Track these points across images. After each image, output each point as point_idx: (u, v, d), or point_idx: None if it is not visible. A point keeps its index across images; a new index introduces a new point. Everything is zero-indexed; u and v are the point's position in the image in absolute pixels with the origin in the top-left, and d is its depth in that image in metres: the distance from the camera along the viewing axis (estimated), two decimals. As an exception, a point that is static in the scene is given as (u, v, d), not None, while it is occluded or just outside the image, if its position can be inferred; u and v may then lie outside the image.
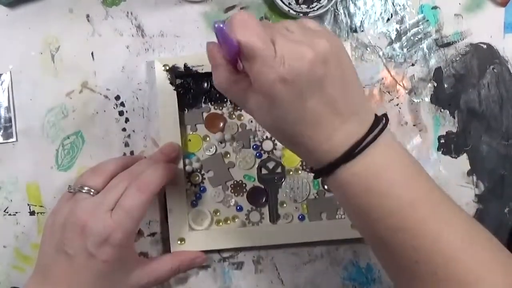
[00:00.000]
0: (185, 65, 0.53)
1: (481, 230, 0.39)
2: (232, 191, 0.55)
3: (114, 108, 0.55)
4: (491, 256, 0.38)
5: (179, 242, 0.53)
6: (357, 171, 0.38)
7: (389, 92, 0.55)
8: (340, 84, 0.37)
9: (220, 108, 0.55)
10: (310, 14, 0.54)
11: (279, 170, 0.55)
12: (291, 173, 0.55)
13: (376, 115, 0.39)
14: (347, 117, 0.37)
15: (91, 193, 0.47)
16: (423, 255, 0.37)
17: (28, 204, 0.55)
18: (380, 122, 0.39)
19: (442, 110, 0.55)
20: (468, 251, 0.37)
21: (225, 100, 0.55)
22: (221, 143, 0.55)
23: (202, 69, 0.53)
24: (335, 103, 0.37)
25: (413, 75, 0.55)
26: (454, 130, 0.55)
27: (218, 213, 0.55)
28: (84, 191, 0.47)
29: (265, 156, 0.55)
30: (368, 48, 0.55)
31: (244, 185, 0.55)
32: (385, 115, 0.40)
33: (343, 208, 0.42)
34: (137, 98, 0.55)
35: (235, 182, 0.55)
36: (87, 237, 0.44)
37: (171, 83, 0.54)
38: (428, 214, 0.38)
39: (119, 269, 0.47)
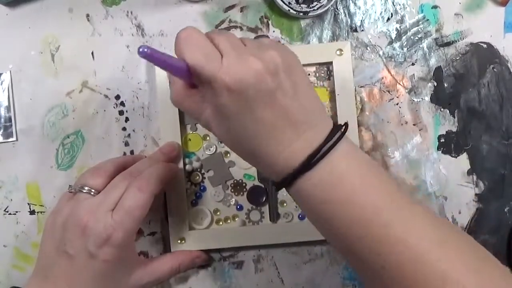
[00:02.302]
0: (185, 65, 0.53)
1: (454, 231, 0.38)
2: (232, 190, 0.55)
3: (114, 107, 0.55)
4: (463, 256, 0.36)
5: (179, 241, 0.54)
6: (316, 182, 0.37)
7: (389, 92, 0.55)
8: (293, 95, 0.37)
9: (220, 107, 0.55)
10: (310, 14, 0.54)
11: (279, 169, 0.55)
12: (291, 172, 0.55)
13: (335, 124, 0.39)
14: (302, 128, 0.37)
15: (92, 193, 0.47)
16: (389, 260, 0.36)
17: (28, 204, 0.55)
18: (338, 131, 0.38)
19: (442, 109, 0.55)
20: (436, 252, 0.35)
21: (225, 99, 0.55)
22: (221, 142, 0.55)
23: (202, 69, 0.53)
24: (288, 114, 0.37)
25: (413, 74, 0.55)
26: (454, 129, 0.55)
27: (218, 213, 0.55)
28: (84, 191, 0.47)
29: (265, 155, 0.55)
30: (368, 48, 0.55)
31: (244, 184, 0.55)
32: (346, 124, 0.39)
33: (307, 217, 0.41)
34: (137, 97, 0.55)
35: (235, 181, 0.55)
36: (88, 237, 0.44)
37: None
38: (391, 219, 0.36)
39: (120, 269, 0.47)
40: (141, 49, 0.33)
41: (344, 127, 0.39)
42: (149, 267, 0.50)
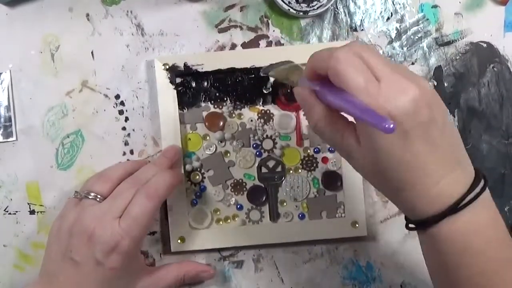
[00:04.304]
0: (185, 64, 0.53)
1: None
2: (232, 190, 0.55)
3: (114, 107, 0.55)
4: None
5: (179, 241, 0.54)
6: (457, 227, 0.36)
7: (389, 91, 0.55)
8: (443, 130, 0.36)
9: (220, 107, 0.55)
10: (310, 13, 0.54)
11: (279, 169, 0.55)
12: (291, 171, 0.55)
13: (476, 169, 0.38)
14: (451, 167, 0.36)
15: (98, 199, 0.47)
16: None
17: (28, 203, 0.55)
18: (481, 177, 0.37)
19: (442, 109, 0.55)
20: None
21: (225, 99, 0.55)
22: (221, 142, 0.55)
23: (202, 68, 0.53)
24: (439, 149, 0.35)
25: (413, 74, 0.55)
26: (454, 129, 0.55)
27: (218, 212, 0.55)
28: (90, 197, 0.47)
29: (265, 155, 0.55)
30: (368, 47, 0.55)
31: (244, 184, 0.55)
32: (479, 170, 0.38)
33: (428, 261, 0.40)
34: (137, 97, 0.55)
35: (235, 181, 0.55)
36: (95, 245, 0.44)
37: (171, 82, 0.54)
38: None
39: (126, 276, 0.47)
40: (387, 125, 0.31)
41: (485, 176, 0.38)
42: (155, 276, 0.50)
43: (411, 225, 0.39)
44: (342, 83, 0.35)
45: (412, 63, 0.55)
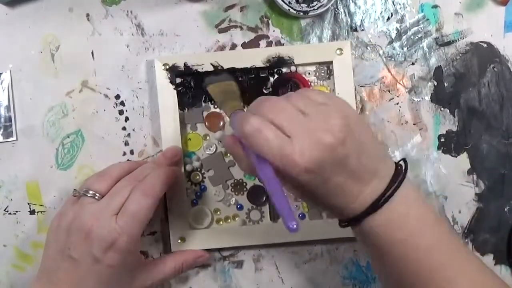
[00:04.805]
0: (185, 64, 0.53)
1: (495, 279, 0.41)
2: (232, 190, 0.55)
3: (114, 107, 0.55)
4: None
5: (179, 241, 0.54)
6: (377, 223, 0.40)
7: (389, 91, 0.55)
8: (358, 155, 0.39)
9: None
10: (310, 13, 0.54)
11: (279, 169, 0.55)
12: (291, 172, 0.55)
13: (395, 164, 0.41)
14: (368, 180, 0.39)
15: (96, 197, 0.47)
16: None
17: (28, 203, 0.55)
18: (399, 174, 0.40)
19: (442, 109, 0.55)
20: None
21: (225, 99, 0.55)
22: (221, 142, 0.55)
23: (202, 68, 0.53)
24: (356, 173, 0.39)
25: (413, 74, 0.55)
26: (454, 129, 0.55)
27: (218, 212, 0.55)
28: (89, 195, 0.47)
29: (265, 155, 0.55)
30: (368, 47, 0.55)
31: (244, 184, 0.55)
32: (404, 160, 0.41)
33: (366, 252, 0.45)
34: (137, 97, 0.55)
35: (235, 181, 0.55)
36: (93, 242, 0.44)
37: (171, 82, 0.54)
38: (443, 261, 0.40)
39: (124, 273, 0.47)
40: (293, 226, 0.35)
41: (404, 171, 0.41)
42: (153, 269, 0.50)
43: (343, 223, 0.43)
44: (259, 152, 0.37)
45: (412, 63, 0.55)
